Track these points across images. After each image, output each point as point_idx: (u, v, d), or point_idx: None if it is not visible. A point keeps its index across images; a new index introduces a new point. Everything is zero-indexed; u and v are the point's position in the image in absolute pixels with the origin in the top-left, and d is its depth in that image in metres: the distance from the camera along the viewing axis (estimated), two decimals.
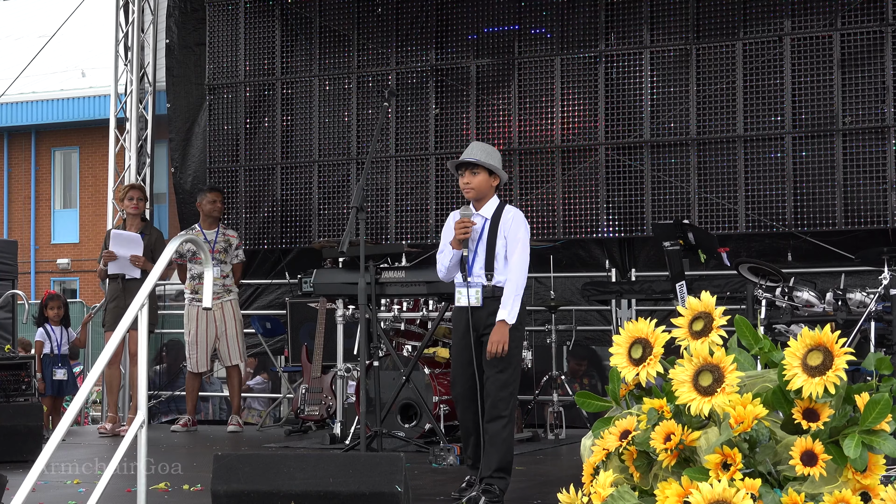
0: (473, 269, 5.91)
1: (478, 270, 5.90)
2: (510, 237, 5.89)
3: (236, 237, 9.85)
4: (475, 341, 5.88)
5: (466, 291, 5.88)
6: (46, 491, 6.11)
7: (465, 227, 5.85)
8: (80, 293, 25.53)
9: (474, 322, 5.87)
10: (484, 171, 5.94)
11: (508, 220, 5.92)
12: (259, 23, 10.83)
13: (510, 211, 5.98)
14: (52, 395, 10.57)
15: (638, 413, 3.33)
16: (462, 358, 5.91)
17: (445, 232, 6.03)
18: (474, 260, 5.91)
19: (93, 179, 25.77)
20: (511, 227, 5.90)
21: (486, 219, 5.95)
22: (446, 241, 5.98)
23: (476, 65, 10.05)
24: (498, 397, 5.82)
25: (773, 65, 9.18)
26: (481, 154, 5.95)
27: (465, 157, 5.97)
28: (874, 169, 8.90)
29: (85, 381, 4.85)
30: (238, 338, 9.68)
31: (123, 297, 9.31)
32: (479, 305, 5.87)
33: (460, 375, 5.93)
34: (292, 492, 4.71)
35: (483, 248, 5.90)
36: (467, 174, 5.95)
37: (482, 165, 5.92)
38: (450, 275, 6.01)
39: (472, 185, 5.93)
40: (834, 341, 3.11)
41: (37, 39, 17.10)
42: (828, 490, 3.06)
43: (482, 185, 5.94)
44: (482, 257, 5.90)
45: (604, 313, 9.92)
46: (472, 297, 5.86)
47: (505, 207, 5.99)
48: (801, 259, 9.12)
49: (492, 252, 5.89)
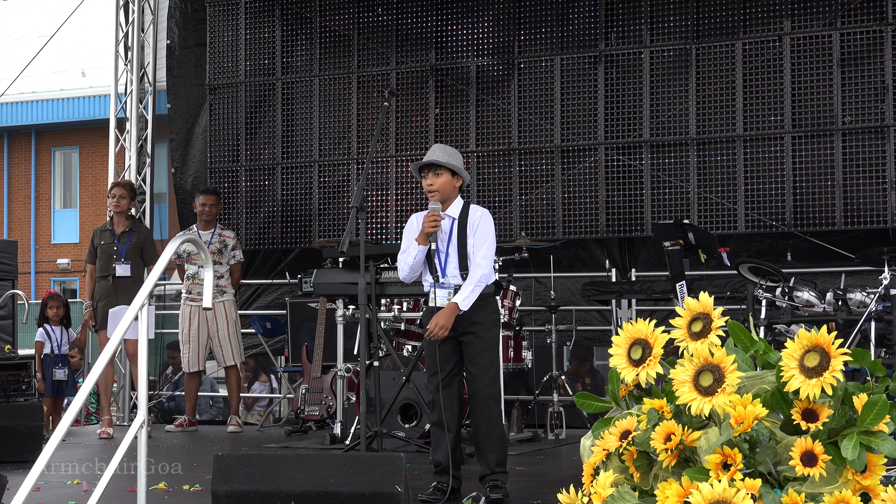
0: (447, 270, 5.94)
1: (452, 271, 5.94)
2: (478, 234, 5.93)
3: (233, 238, 9.84)
4: (454, 341, 5.90)
5: (437, 292, 5.90)
6: (46, 491, 6.11)
7: (434, 219, 5.88)
8: (80, 293, 25.52)
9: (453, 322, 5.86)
10: (447, 173, 5.99)
11: (476, 218, 5.97)
12: (259, 23, 10.83)
13: (477, 210, 6.03)
14: (52, 396, 10.56)
15: (638, 413, 3.33)
16: (435, 360, 5.89)
17: (408, 232, 6.05)
18: (447, 261, 5.94)
19: (93, 179, 25.78)
20: (479, 224, 5.94)
21: (453, 219, 5.99)
22: (409, 241, 5.99)
23: (476, 64, 10.06)
24: (487, 394, 5.87)
25: (772, 64, 9.18)
26: (443, 155, 6.00)
27: (426, 159, 6.01)
28: (874, 168, 8.89)
29: (85, 381, 4.85)
30: (233, 339, 9.67)
31: (115, 295, 9.33)
32: None
33: (434, 377, 5.92)
34: (292, 492, 4.72)
35: (454, 249, 5.94)
36: (430, 176, 5.99)
37: (445, 166, 5.97)
38: (413, 274, 6.02)
39: (435, 186, 5.98)
40: (830, 342, 3.11)
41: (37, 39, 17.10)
42: (828, 490, 3.06)
43: (445, 186, 5.99)
44: (454, 257, 5.94)
45: (604, 313, 9.92)
46: (445, 298, 5.88)
47: (471, 207, 6.05)
48: (800, 259, 9.12)
49: (464, 251, 5.93)
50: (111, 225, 9.63)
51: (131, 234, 9.48)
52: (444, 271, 5.93)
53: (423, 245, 5.91)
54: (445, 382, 5.88)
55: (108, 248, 9.50)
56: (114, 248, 9.46)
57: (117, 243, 9.46)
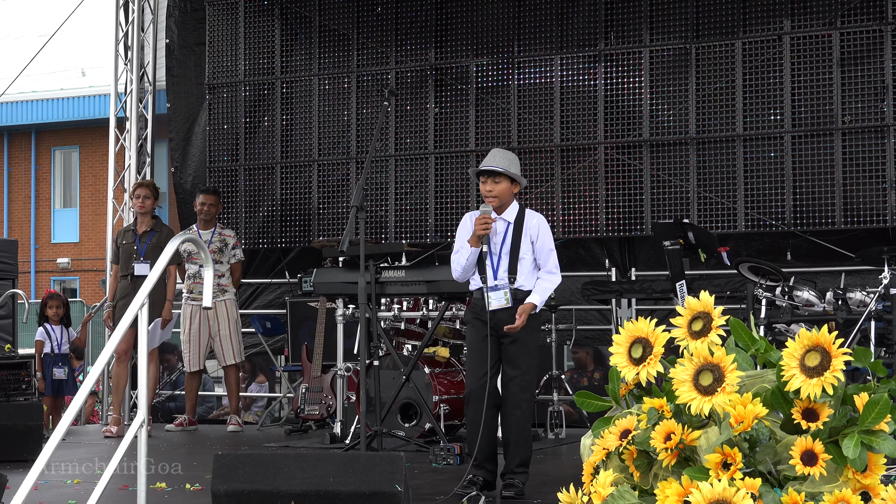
0: (498, 272, 5.99)
1: (501, 274, 6.00)
2: (540, 243, 6.01)
3: (233, 237, 9.84)
4: (496, 341, 5.98)
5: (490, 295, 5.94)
6: (46, 491, 6.11)
7: (485, 223, 5.92)
8: (80, 293, 25.52)
9: (497, 322, 5.95)
10: (506, 179, 6.02)
11: (534, 224, 6.03)
12: (259, 22, 10.83)
13: (534, 216, 6.09)
14: (52, 395, 10.56)
15: (638, 412, 3.33)
16: (480, 356, 5.97)
17: (461, 233, 6.09)
18: (498, 263, 6.00)
19: (93, 179, 25.76)
20: (539, 232, 6.02)
21: (508, 223, 6.05)
22: (462, 241, 6.04)
23: (476, 64, 10.05)
24: (520, 398, 5.98)
25: (772, 64, 9.18)
26: (504, 162, 6.04)
27: (488, 166, 6.04)
28: (874, 168, 8.89)
29: (86, 380, 4.85)
30: (233, 338, 9.66)
31: (133, 294, 9.30)
32: (510, 306, 5.95)
33: (477, 373, 5.99)
34: (292, 491, 4.71)
35: (507, 252, 6.00)
36: (489, 182, 6.03)
37: (504, 174, 5.98)
38: (465, 275, 6.07)
39: (494, 192, 6.02)
40: (831, 342, 3.11)
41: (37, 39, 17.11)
42: (828, 490, 3.06)
43: (504, 192, 6.03)
44: (506, 261, 6.00)
45: (604, 312, 9.92)
46: (501, 300, 5.96)
47: (526, 212, 6.10)
48: (800, 258, 9.12)
49: (515, 255, 5.99)
50: (134, 225, 9.64)
51: (152, 234, 9.48)
52: (495, 274, 5.98)
53: (474, 247, 5.96)
54: (486, 380, 5.93)
55: (128, 247, 9.50)
56: (134, 247, 9.46)
57: (138, 243, 9.46)
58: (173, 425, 9.80)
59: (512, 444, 6.04)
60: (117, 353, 9.32)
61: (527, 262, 5.99)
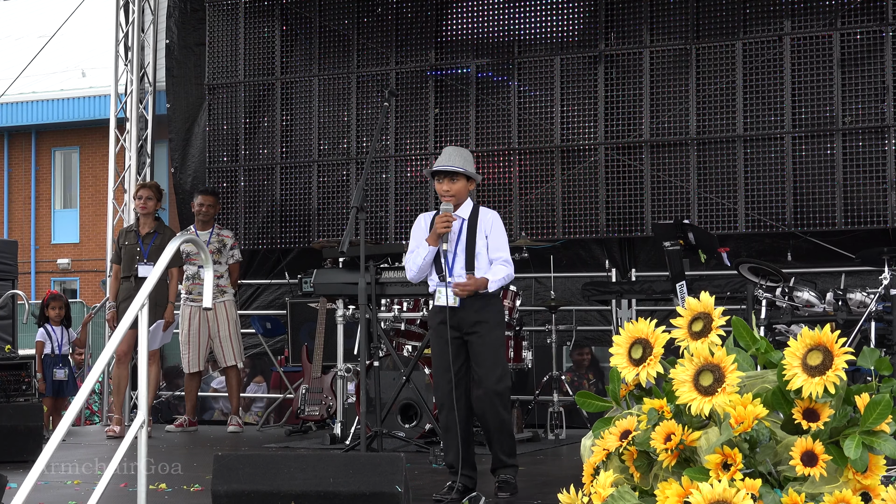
0: (454, 269, 5.98)
1: (458, 270, 5.98)
2: (494, 238, 6.00)
3: (231, 237, 9.84)
4: (460, 341, 5.94)
5: (446, 291, 5.94)
6: (46, 491, 6.11)
7: (446, 220, 5.93)
8: (81, 293, 25.52)
9: (457, 322, 5.93)
10: (462, 178, 6.05)
11: (488, 220, 6.04)
12: (259, 23, 10.83)
13: (487, 212, 6.09)
14: (52, 396, 10.56)
15: (638, 413, 3.33)
16: (444, 359, 5.92)
17: (416, 233, 6.11)
18: (454, 260, 5.99)
19: (93, 179, 25.76)
20: (493, 227, 6.03)
21: (462, 219, 6.05)
22: (418, 241, 6.05)
23: (476, 64, 10.05)
24: (493, 392, 5.90)
25: (772, 64, 9.18)
26: (459, 161, 6.06)
27: (444, 166, 6.05)
28: (874, 169, 8.89)
29: (86, 381, 4.85)
30: (233, 339, 9.66)
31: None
32: (459, 305, 5.92)
33: (443, 377, 5.95)
34: (292, 492, 4.71)
35: (462, 249, 6.00)
36: (446, 182, 6.05)
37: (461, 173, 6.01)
38: (420, 274, 6.08)
39: (451, 192, 6.04)
40: (834, 341, 3.11)
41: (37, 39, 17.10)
42: (828, 490, 3.06)
43: (461, 191, 6.06)
44: (462, 257, 5.99)
45: (604, 313, 9.91)
46: (452, 298, 5.93)
47: (480, 209, 6.11)
48: (801, 259, 9.12)
49: (472, 251, 5.99)
50: (136, 226, 9.63)
51: (155, 236, 9.47)
52: (451, 271, 5.98)
53: (433, 246, 5.97)
54: (456, 381, 5.89)
55: (131, 248, 9.49)
56: (137, 248, 9.45)
57: (141, 244, 9.45)
58: (173, 426, 9.80)
59: (493, 437, 5.98)
60: (118, 354, 9.32)
61: (483, 258, 5.98)
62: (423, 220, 6.11)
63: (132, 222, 9.93)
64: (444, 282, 5.95)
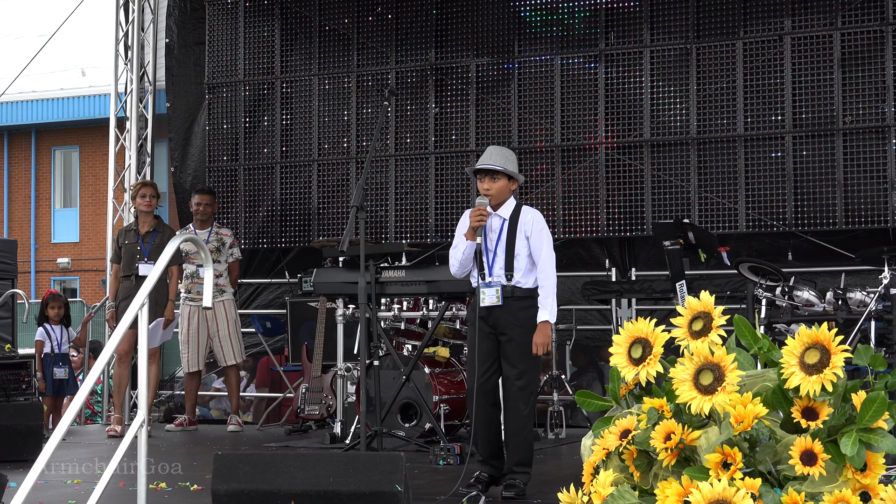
0: (493, 268, 5.99)
1: (497, 270, 5.99)
2: (535, 238, 5.99)
3: (230, 236, 9.83)
4: (494, 340, 5.98)
5: (485, 291, 5.95)
6: (46, 491, 6.11)
7: (480, 214, 5.92)
8: (81, 293, 25.52)
9: (494, 320, 5.97)
10: (503, 177, 6.04)
11: (528, 220, 6.01)
12: (258, 22, 10.83)
13: (528, 212, 6.07)
14: (52, 395, 10.56)
15: (638, 412, 3.33)
16: (479, 355, 5.98)
17: (460, 228, 6.10)
18: (494, 260, 6.00)
19: (93, 179, 25.75)
20: (533, 227, 6.00)
21: (504, 219, 6.04)
22: (460, 236, 6.05)
23: (476, 64, 10.05)
24: (519, 396, 5.96)
25: (773, 64, 9.18)
26: (501, 160, 6.04)
27: (485, 164, 6.04)
28: (875, 168, 8.89)
29: (86, 381, 4.85)
30: (233, 338, 9.65)
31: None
32: (501, 304, 5.94)
33: (477, 372, 6.00)
34: (292, 491, 4.71)
35: (503, 249, 5.99)
36: (487, 180, 6.04)
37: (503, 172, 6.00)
38: (462, 269, 6.07)
39: (492, 191, 6.03)
40: (831, 339, 3.10)
41: (37, 39, 17.10)
42: (828, 489, 3.06)
43: (502, 190, 6.05)
44: (502, 257, 5.99)
45: (604, 313, 9.91)
46: (493, 297, 5.94)
47: (522, 208, 6.09)
48: (801, 258, 9.11)
49: (511, 252, 5.98)
50: (136, 225, 9.62)
51: (155, 234, 9.46)
52: (490, 270, 5.98)
53: (470, 240, 5.96)
54: (484, 378, 5.97)
55: (131, 247, 9.48)
56: (137, 247, 9.44)
57: (141, 243, 9.44)
58: (173, 425, 9.79)
59: (510, 444, 6.04)
60: (118, 353, 9.32)
61: (522, 259, 5.97)
62: (468, 215, 6.08)
63: (131, 221, 9.93)
64: (484, 281, 5.95)
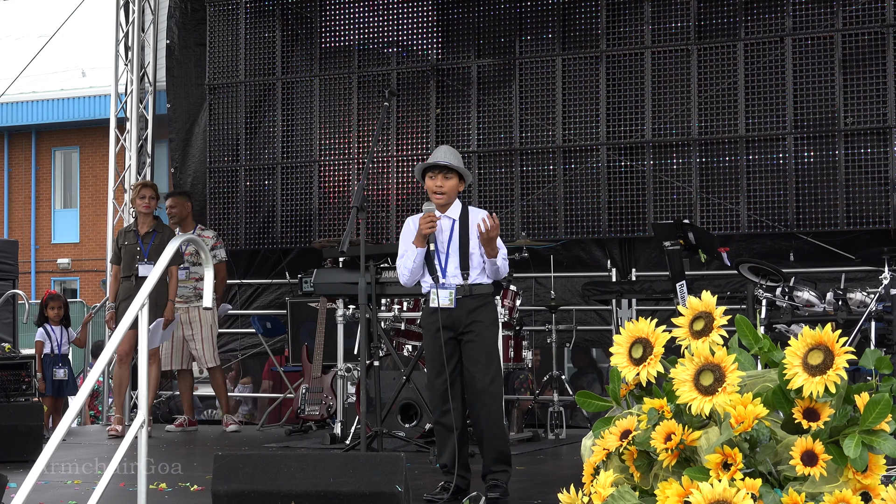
0: (447, 270, 5.93)
1: (452, 271, 5.93)
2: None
3: (212, 237, 9.81)
4: (452, 342, 5.90)
5: (439, 293, 5.88)
6: (46, 491, 6.11)
7: (430, 220, 5.85)
8: (81, 293, 25.52)
9: (452, 322, 5.88)
10: (455, 176, 6.00)
11: (479, 219, 5.93)
12: (259, 23, 10.83)
13: (478, 212, 6.01)
14: (52, 396, 10.56)
15: (638, 413, 3.33)
16: (438, 361, 5.89)
17: (405, 236, 6.01)
18: (447, 261, 5.93)
19: (93, 179, 25.76)
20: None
21: (453, 220, 5.99)
22: (407, 245, 5.97)
23: (477, 65, 10.05)
24: (486, 393, 5.85)
25: (774, 65, 9.18)
26: (453, 158, 6.01)
27: (439, 161, 5.99)
28: (875, 169, 8.89)
29: (86, 381, 4.85)
30: (207, 343, 9.66)
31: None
32: (454, 307, 5.88)
33: (438, 378, 5.91)
34: (292, 492, 4.71)
35: (455, 249, 5.93)
36: (440, 178, 5.98)
37: (455, 170, 5.97)
38: (413, 278, 5.99)
39: (444, 188, 5.97)
40: (834, 340, 3.10)
41: (37, 39, 17.10)
42: (828, 490, 3.05)
43: (453, 189, 6.00)
44: (455, 258, 5.93)
45: (604, 313, 9.91)
46: (445, 299, 5.88)
47: (470, 208, 6.06)
48: (802, 259, 9.11)
49: (465, 251, 5.92)
50: (135, 226, 9.61)
51: (154, 235, 9.45)
52: (444, 272, 5.92)
53: (420, 247, 5.90)
54: (445, 385, 5.86)
55: (131, 248, 9.47)
56: (137, 248, 9.43)
57: (140, 244, 9.43)
58: (173, 426, 9.79)
59: (485, 440, 5.88)
60: (119, 354, 9.32)
61: (477, 257, 5.91)
62: (412, 223, 6.01)
63: (131, 222, 9.93)
64: (438, 283, 5.90)
